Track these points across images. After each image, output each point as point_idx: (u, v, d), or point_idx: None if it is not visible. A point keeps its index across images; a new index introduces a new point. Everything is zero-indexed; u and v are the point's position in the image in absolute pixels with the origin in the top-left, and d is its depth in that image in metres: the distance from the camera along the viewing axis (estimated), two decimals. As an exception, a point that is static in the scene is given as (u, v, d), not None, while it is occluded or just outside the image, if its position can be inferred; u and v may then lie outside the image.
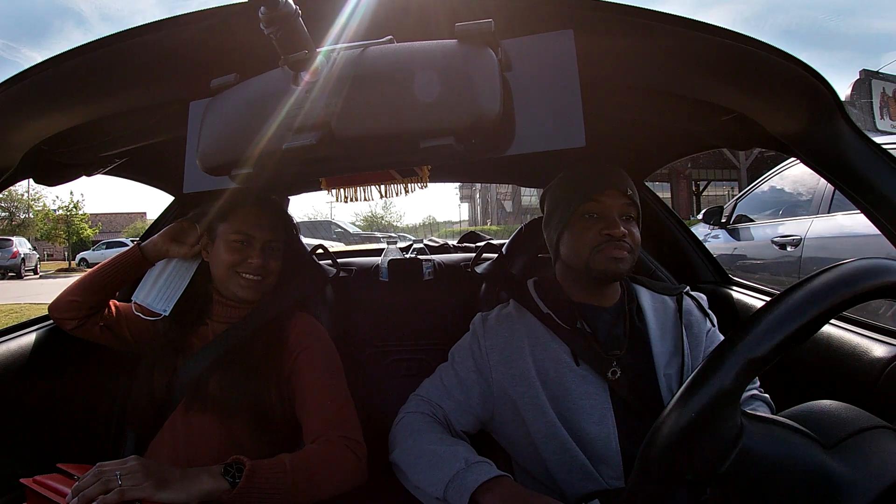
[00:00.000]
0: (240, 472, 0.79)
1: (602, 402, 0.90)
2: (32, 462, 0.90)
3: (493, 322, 1.01)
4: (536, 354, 0.95)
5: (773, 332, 0.47)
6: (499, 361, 0.96)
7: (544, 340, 0.96)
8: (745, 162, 14.98)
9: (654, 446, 0.47)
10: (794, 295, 0.48)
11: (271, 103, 0.55)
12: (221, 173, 0.61)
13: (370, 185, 0.83)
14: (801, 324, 0.46)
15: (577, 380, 0.92)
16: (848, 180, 0.76)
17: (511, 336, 0.98)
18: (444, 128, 0.51)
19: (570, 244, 0.97)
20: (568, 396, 0.91)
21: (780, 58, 0.64)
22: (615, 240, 0.92)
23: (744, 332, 0.48)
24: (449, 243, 2.14)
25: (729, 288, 1.49)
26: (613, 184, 0.95)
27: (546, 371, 0.93)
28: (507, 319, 1.01)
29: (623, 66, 0.72)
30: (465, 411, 0.96)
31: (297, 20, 0.51)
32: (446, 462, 0.82)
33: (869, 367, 0.95)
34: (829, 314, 0.46)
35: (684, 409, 0.46)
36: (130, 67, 0.69)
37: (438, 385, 0.99)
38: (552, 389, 0.92)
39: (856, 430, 0.50)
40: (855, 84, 14.47)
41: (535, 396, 0.91)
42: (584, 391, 0.91)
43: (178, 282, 1.11)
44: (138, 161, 1.12)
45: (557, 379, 0.92)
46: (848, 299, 0.47)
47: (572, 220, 0.97)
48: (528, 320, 0.99)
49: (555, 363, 0.93)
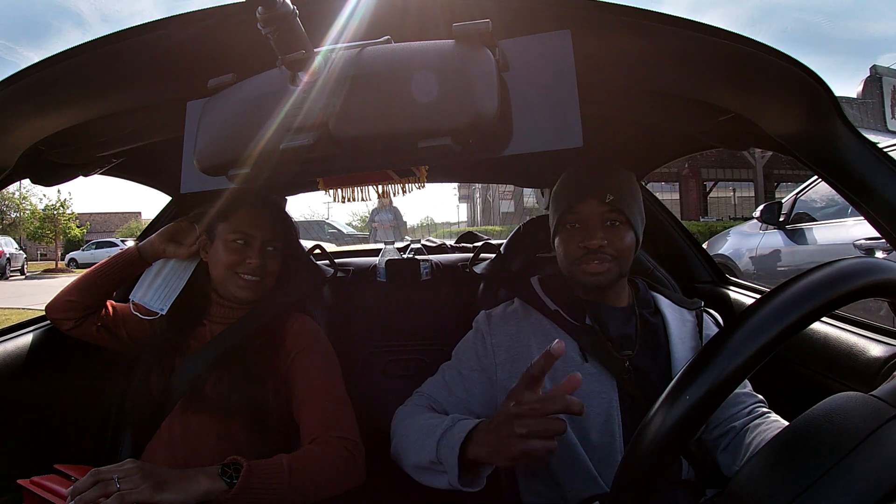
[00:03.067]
0: (237, 473, 0.79)
1: (609, 403, 0.89)
2: (30, 463, 0.90)
3: (499, 319, 1.00)
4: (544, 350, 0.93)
5: (762, 331, 0.46)
6: (505, 360, 0.95)
7: (552, 337, 0.93)
8: (761, 160, 14.19)
9: (642, 445, 0.46)
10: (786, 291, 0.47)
11: (268, 103, 0.55)
12: (218, 173, 0.61)
13: (368, 185, 0.83)
14: (799, 315, 0.45)
15: (586, 378, 0.89)
16: (845, 181, 0.76)
17: (518, 333, 0.97)
18: (442, 128, 0.51)
19: (559, 254, 0.98)
20: (576, 396, 0.90)
21: (776, 58, 0.64)
22: (591, 252, 0.91)
23: (731, 333, 0.46)
24: (446, 243, 2.14)
25: (726, 288, 1.49)
26: (591, 192, 0.93)
27: (554, 369, 0.91)
28: (513, 317, 1.00)
29: (620, 66, 0.72)
30: (466, 409, 0.95)
31: (294, 20, 0.51)
32: (436, 427, 0.80)
33: (866, 366, 0.95)
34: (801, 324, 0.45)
35: (672, 408, 0.45)
36: (127, 67, 0.69)
37: (440, 382, 0.98)
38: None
39: (827, 469, 0.43)
40: (865, 81, 13.84)
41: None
42: (592, 390, 0.90)
43: (176, 281, 1.10)
44: (135, 161, 1.12)
45: (566, 376, 0.91)
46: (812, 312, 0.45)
47: (558, 230, 0.98)
48: (535, 318, 0.98)
49: (562, 361, 0.91)
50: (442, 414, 0.94)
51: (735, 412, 0.94)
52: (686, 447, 0.86)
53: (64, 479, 0.78)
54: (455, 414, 0.86)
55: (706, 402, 0.44)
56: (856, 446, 0.42)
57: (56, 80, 0.68)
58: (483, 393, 0.95)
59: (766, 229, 3.32)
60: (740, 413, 0.93)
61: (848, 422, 0.45)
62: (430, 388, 0.99)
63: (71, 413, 1.10)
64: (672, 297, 1.04)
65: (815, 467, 0.42)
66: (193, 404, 0.97)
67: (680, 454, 0.46)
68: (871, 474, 0.41)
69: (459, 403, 0.95)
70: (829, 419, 0.46)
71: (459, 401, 0.95)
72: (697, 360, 0.46)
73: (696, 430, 0.45)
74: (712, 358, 0.45)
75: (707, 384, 0.44)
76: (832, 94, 0.70)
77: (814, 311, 0.45)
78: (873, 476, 0.40)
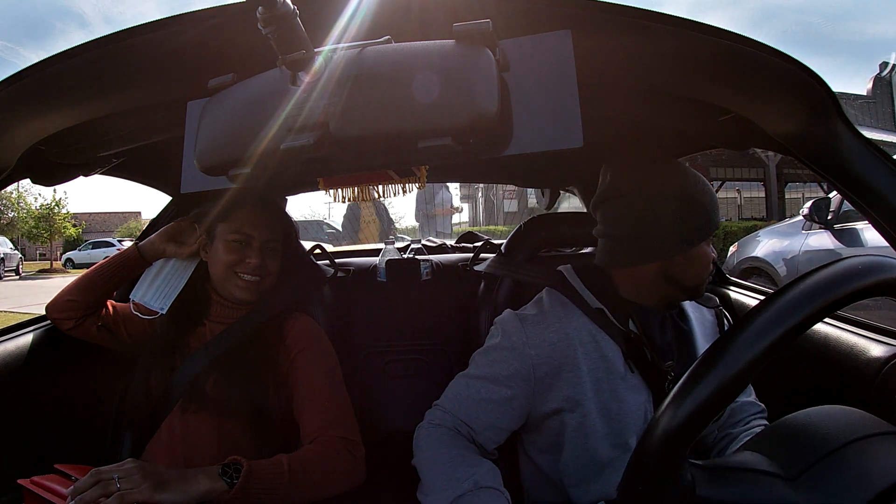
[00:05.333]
0: (237, 473, 0.79)
1: (643, 415, 0.84)
2: (30, 463, 0.90)
3: (536, 324, 0.87)
4: (590, 361, 0.84)
5: (771, 330, 0.46)
6: (547, 374, 0.85)
7: (597, 343, 0.85)
8: (774, 158, 13.51)
9: (651, 443, 0.46)
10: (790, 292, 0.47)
11: (269, 103, 0.55)
12: (219, 173, 0.60)
13: (368, 185, 0.83)
14: (803, 317, 0.45)
15: (627, 390, 0.84)
16: (846, 181, 0.76)
17: (560, 342, 0.85)
18: (442, 128, 0.51)
19: (702, 262, 0.85)
20: (618, 408, 0.83)
21: (777, 58, 0.64)
22: None
23: (741, 331, 0.46)
24: (447, 243, 2.14)
25: (726, 288, 1.49)
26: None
27: (600, 381, 0.83)
28: (552, 319, 0.87)
29: (621, 66, 0.72)
30: (498, 429, 0.87)
31: (294, 20, 0.51)
32: (456, 482, 0.75)
33: (866, 366, 0.95)
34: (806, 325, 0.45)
35: (680, 406, 0.45)
36: (128, 67, 0.69)
37: (464, 399, 0.87)
38: (605, 402, 0.83)
39: (823, 455, 0.46)
40: (875, 79, 13.51)
41: (584, 416, 0.83)
42: (631, 401, 0.83)
43: (176, 280, 1.10)
44: (136, 161, 1.12)
45: (611, 390, 0.83)
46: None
47: (701, 240, 0.84)
48: (576, 317, 0.87)
49: (608, 372, 0.84)
50: (468, 438, 0.87)
51: (735, 420, 0.94)
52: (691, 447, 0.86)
53: (64, 478, 0.78)
54: (479, 471, 0.77)
55: (713, 402, 0.44)
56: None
57: (56, 79, 0.68)
58: (518, 409, 0.87)
59: (811, 229, 2.99)
60: (739, 421, 0.93)
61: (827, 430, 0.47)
62: (454, 404, 0.88)
63: (71, 413, 1.10)
64: None
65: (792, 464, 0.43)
66: (194, 404, 0.97)
67: (686, 454, 0.46)
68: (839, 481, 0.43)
69: (488, 426, 0.86)
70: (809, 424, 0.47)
71: (488, 423, 0.86)
72: (705, 359, 0.47)
73: (701, 429, 0.45)
74: (721, 357, 0.45)
75: (714, 384, 0.44)
76: (833, 94, 0.70)
77: (823, 309, 0.45)
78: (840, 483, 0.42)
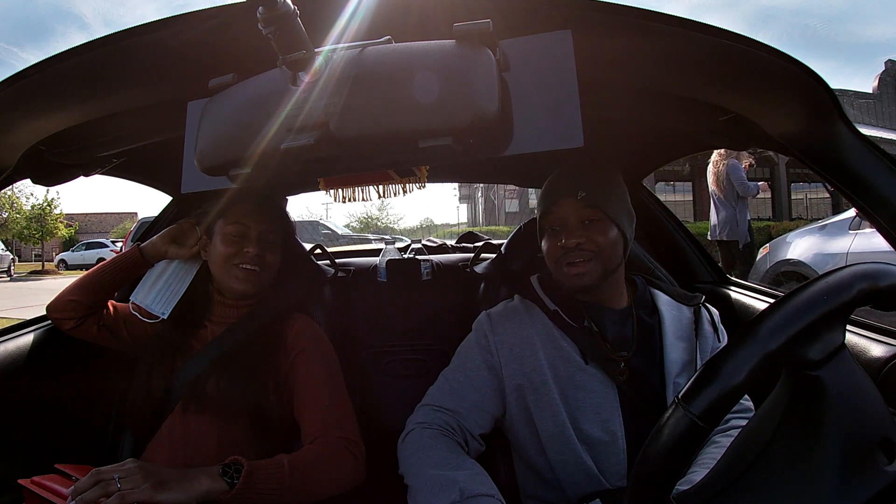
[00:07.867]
0: (238, 473, 0.79)
1: (611, 402, 0.90)
2: (30, 463, 0.90)
3: (501, 318, 0.99)
4: (548, 350, 0.94)
5: (787, 326, 0.45)
6: (510, 358, 0.94)
7: (554, 337, 0.95)
8: (784, 157, 13.67)
9: (656, 446, 0.46)
10: (802, 294, 0.47)
11: (269, 103, 0.55)
12: (219, 173, 0.61)
13: (368, 185, 0.83)
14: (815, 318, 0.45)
15: (586, 378, 0.91)
16: (846, 181, 0.76)
17: (521, 331, 0.96)
18: (443, 128, 0.51)
19: (545, 257, 0.98)
20: (578, 395, 0.91)
21: (777, 58, 0.64)
22: (569, 251, 0.91)
23: (756, 328, 0.46)
24: (447, 243, 2.14)
25: (727, 288, 1.49)
26: (565, 191, 0.93)
27: (557, 367, 0.93)
28: (515, 314, 0.99)
29: (621, 66, 0.72)
30: (482, 411, 0.93)
31: (295, 20, 0.51)
32: (443, 490, 0.76)
33: (866, 366, 0.95)
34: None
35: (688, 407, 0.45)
36: (128, 67, 0.69)
37: (447, 390, 0.95)
38: (563, 387, 0.91)
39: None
40: (881, 76, 13.48)
41: (548, 394, 0.91)
42: (594, 389, 0.91)
43: (178, 285, 1.10)
44: (136, 161, 1.12)
45: (568, 376, 0.92)
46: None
47: (541, 234, 0.99)
48: (538, 316, 0.97)
49: (565, 361, 0.93)
50: (456, 430, 0.90)
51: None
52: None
53: (65, 478, 0.78)
54: (463, 475, 0.78)
55: (726, 399, 0.45)
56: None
57: (58, 79, 0.68)
58: (494, 391, 0.94)
59: (860, 228, 2.73)
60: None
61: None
62: (437, 398, 0.94)
63: (72, 413, 1.10)
64: (672, 292, 1.03)
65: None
66: (194, 404, 0.97)
67: (697, 450, 0.46)
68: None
69: (474, 407, 0.93)
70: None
71: (474, 404, 0.93)
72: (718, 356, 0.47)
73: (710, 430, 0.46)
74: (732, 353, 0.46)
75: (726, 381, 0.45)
76: (833, 95, 0.70)
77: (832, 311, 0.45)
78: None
